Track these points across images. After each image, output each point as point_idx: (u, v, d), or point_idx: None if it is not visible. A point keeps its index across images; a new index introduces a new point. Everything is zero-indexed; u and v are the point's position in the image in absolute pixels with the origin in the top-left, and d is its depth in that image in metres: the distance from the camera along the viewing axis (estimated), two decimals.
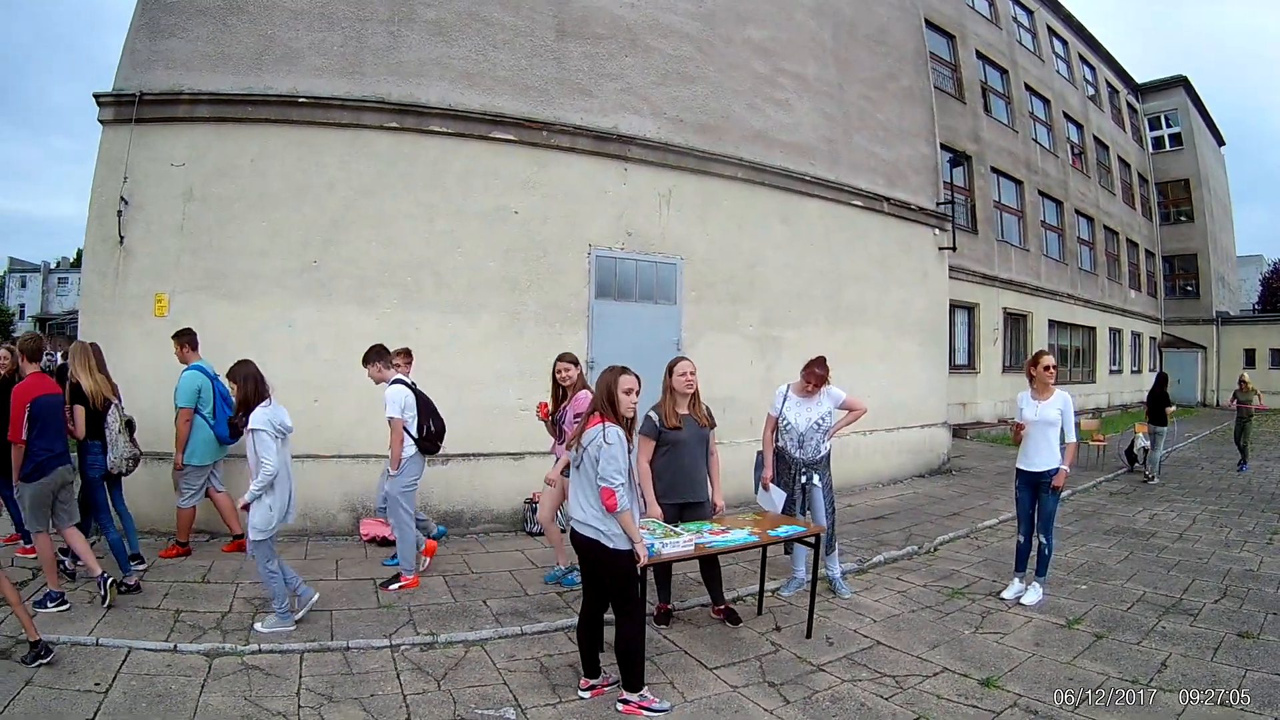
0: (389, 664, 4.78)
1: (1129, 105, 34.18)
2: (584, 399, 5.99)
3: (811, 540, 5.61)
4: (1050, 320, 22.42)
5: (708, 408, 5.71)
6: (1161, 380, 13.40)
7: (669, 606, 5.75)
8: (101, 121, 7.73)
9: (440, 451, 6.66)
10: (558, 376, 6.36)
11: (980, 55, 21.36)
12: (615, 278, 9.48)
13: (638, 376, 4.45)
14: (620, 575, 4.22)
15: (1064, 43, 28.17)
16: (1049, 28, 27.00)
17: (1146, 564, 7.59)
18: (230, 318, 7.58)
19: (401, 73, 8.32)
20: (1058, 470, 6.13)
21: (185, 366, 6.86)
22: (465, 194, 8.49)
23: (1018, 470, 6.40)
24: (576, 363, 6.41)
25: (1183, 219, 35.05)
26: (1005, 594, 6.40)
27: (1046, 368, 6.26)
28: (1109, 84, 32.02)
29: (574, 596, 5.96)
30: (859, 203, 11.64)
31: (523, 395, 8.30)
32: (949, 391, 17.40)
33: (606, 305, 9.37)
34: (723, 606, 5.74)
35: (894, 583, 6.90)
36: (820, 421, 6.28)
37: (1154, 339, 33.55)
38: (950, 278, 17.41)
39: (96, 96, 7.72)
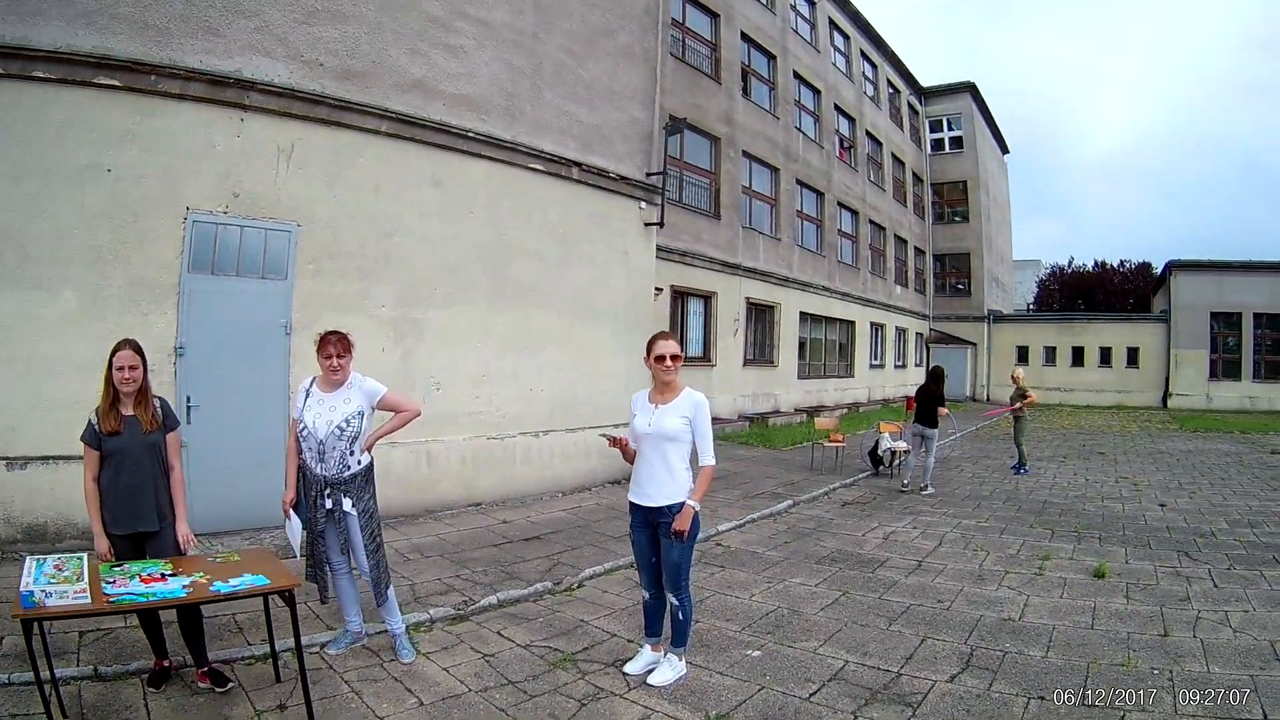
0: None
1: (910, 106, 36.17)
2: None
3: (285, 596, 4.04)
4: (802, 312, 23.05)
5: (161, 404, 4.54)
6: (935, 376, 12.05)
7: (165, 663, 4.50)
8: None
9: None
10: None
11: (746, 38, 21.62)
12: (215, 248, 8.18)
13: None
14: None
15: (846, 37, 29.39)
16: (831, 20, 28.13)
17: (862, 612, 5.88)
18: None
19: (21, 12, 7.13)
20: (681, 507, 4.44)
21: None
22: (60, 150, 7.33)
23: (630, 503, 4.77)
24: None
25: (957, 219, 37.54)
26: (629, 667, 4.80)
27: (660, 358, 4.58)
28: (890, 83, 33.69)
29: (93, 638, 4.90)
30: (539, 166, 10.82)
31: None
32: None
33: (203, 281, 8.06)
34: (205, 669, 4.48)
35: (491, 639, 5.33)
36: (345, 425, 4.74)
37: (921, 335, 35.50)
38: (685, 264, 17.33)
39: None
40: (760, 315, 21.11)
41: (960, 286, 37.41)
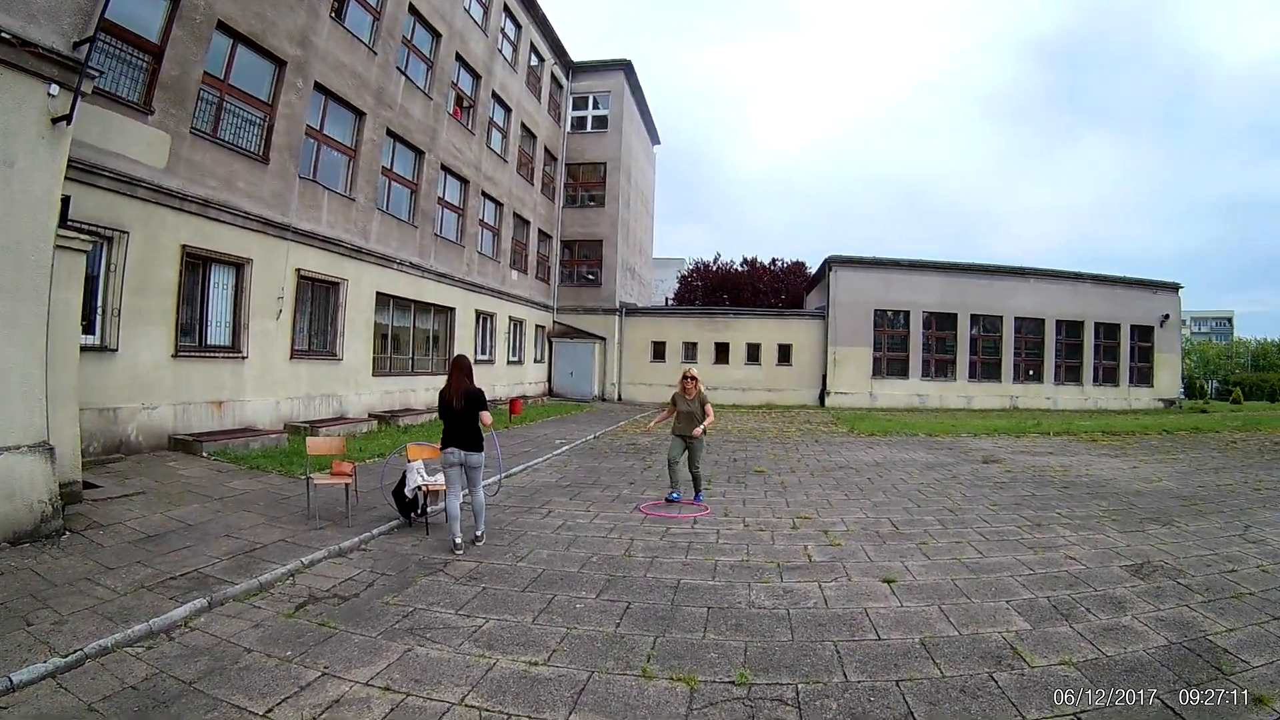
0: None
1: (555, 79, 35.02)
2: None
3: None
4: (382, 294, 20.25)
5: None
6: (462, 368, 8.38)
7: None
8: None
9: None
10: None
11: None
12: None
13: None
14: None
15: None
16: None
17: None
18: None
19: None
20: None
21: None
22: None
23: None
24: None
25: (593, 203, 36.99)
26: None
27: None
28: (535, 49, 32.36)
29: None
30: None
31: None
32: (189, 383, 13.67)
33: None
34: None
35: None
36: None
37: (543, 327, 34.34)
38: (208, 217, 13.87)
39: None
40: (320, 294, 17.84)
41: (591, 276, 36.73)
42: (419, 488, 9.14)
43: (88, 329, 11.97)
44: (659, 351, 36.15)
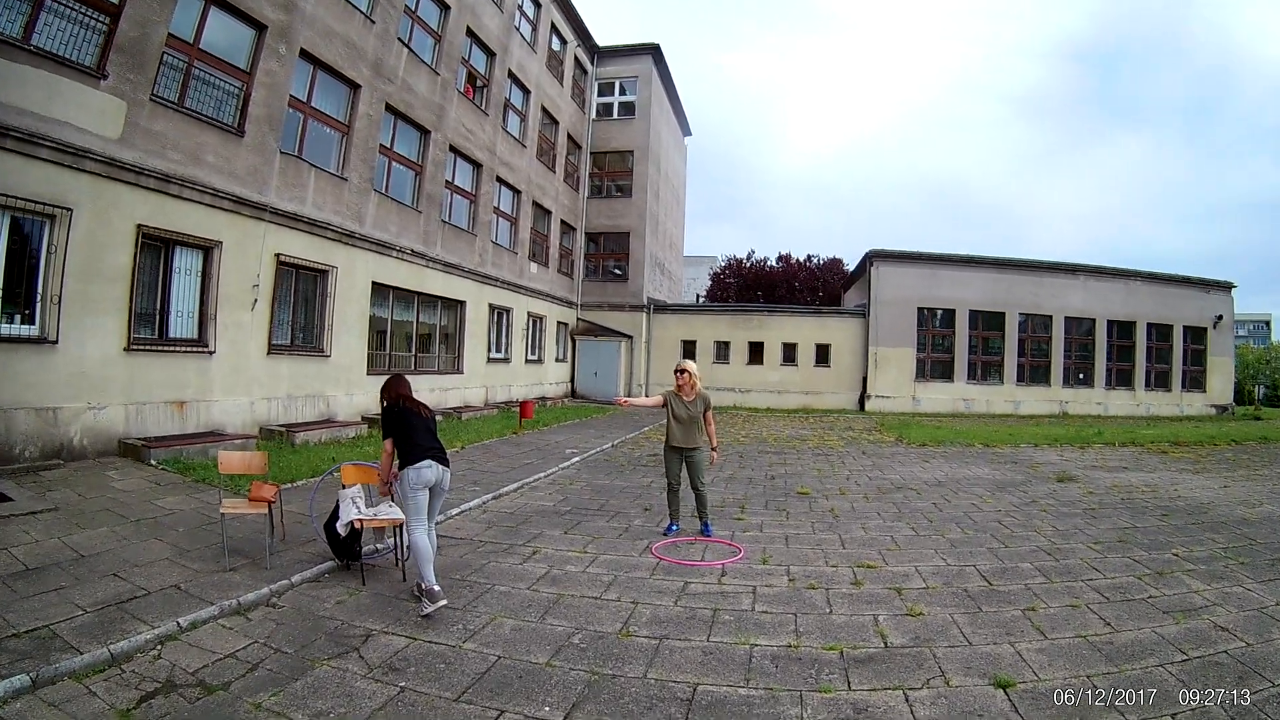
0: None
1: (579, 62, 33.24)
2: None
3: None
4: (378, 283, 18.51)
5: None
6: (406, 382, 6.87)
7: None
8: None
9: None
10: None
11: None
12: None
13: None
14: None
15: None
16: None
17: None
18: None
19: None
20: None
21: None
22: None
23: None
24: None
25: (619, 193, 35.14)
26: None
27: None
28: (556, 30, 30.58)
29: None
30: None
31: None
32: (146, 380, 12.25)
33: None
34: None
35: None
36: None
37: (565, 324, 32.57)
38: (170, 194, 12.24)
39: None
40: (306, 283, 16.12)
41: (618, 271, 34.89)
42: (351, 522, 6.79)
43: (26, 319, 10.50)
44: (689, 351, 33.86)
